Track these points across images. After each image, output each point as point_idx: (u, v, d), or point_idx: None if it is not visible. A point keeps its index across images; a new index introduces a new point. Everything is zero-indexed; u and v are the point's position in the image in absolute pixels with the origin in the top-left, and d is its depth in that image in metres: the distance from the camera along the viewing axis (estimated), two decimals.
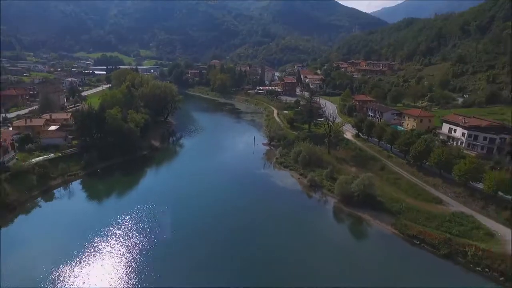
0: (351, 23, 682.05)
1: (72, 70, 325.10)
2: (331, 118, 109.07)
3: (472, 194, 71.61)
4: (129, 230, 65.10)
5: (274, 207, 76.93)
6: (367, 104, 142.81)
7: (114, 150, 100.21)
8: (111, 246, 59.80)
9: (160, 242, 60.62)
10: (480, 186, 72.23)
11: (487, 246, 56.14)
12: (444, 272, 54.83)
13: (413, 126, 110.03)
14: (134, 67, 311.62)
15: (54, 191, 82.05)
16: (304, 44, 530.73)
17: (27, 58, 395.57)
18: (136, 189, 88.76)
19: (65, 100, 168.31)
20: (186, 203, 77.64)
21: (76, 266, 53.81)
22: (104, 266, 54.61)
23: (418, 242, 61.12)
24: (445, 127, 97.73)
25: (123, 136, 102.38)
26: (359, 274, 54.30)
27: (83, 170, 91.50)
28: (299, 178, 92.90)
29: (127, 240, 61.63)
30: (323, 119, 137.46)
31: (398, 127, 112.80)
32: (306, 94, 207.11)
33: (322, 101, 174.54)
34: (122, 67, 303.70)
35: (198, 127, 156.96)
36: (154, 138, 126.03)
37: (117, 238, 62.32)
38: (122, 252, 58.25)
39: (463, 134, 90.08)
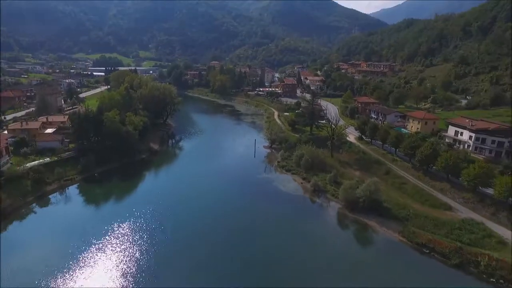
0: (350, 24, 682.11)
1: (71, 71, 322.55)
2: (334, 121, 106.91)
3: (482, 200, 69.30)
4: (127, 234, 63.61)
5: (276, 213, 74.55)
6: (369, 106, 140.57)
7: (112, 154, 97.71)
8: (109, 249, 58.62)
9: (158, 251, 58.28)
10: (489, 191, 70.00)
11: (501, 256, 53.75)
12: (456, 283, 52.47)
13: (417, 128, 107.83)
14: (133, 68, 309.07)
15: (50, 196, 79.51)
16: (303, 45, 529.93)
17: (25, 59, 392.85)
18: (134, 193, 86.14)
19: (62, 102, 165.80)
20: (184, 210, 74.96)
21: (74, 270, 53.03)
22: (103, 269, 53.93)
23: (428, 251, 58.77)
24: (451, 130, 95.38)
25: (121, 139, 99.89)
26: (365, 283, 52.02)
27: (80, 174, 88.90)
28: (301, 183, 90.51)
29: (125, 243, 60.42)
30: (324, 121, 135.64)
31: (402, 129, 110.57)
32: (307, 95, 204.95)
33: (323, 102, 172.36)
34: (121, 68, 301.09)
35: (197, 129, 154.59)
36: (153, 140, 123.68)
37: (114, 242, 60.98)
38: (120, 255, 57.19)
39: (470, 137, 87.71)
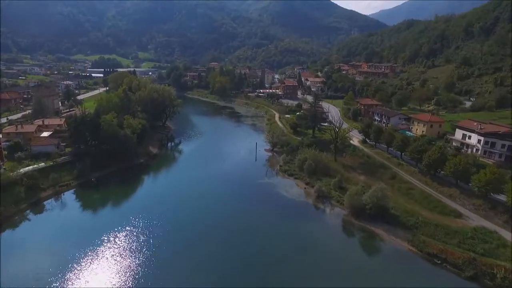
0: (350, 25, 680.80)
1: (69, 72, 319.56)
2: (337, 123, 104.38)
3: (494, 207, 66.63)
4: (125, 240, 62.61)
5: (279, 221, 71.96)
6: (372, 108, 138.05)
7: (109, 158, 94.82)
8: (106, 255, 57.72)
9: (155, 261, 55.64)
10: (501, 198, 67.35)
11: None
12: None
13: (422, 131, 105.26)
14: (132, 69, 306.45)
15: (45, 203, 76.73)
16: (303, 46, 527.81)
17: (23, 60, 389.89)
18: (132, 199, 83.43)
19: (60, 104, 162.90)
20: (184, 216, 72.73)
21: (70, 274, 52.35)
22: (101, 272, 53.31)
23: (439, 262, 56.05)
24: (458, 133, 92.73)
25: (119, 143, 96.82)
26: None
27: (76, 180, 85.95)
28: (305, 188, 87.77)
29: (123, 249, 59.45)
30: (327, 124, 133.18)
31: (407, 132, 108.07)
32: (308, 97, 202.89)
33: (325, 104, 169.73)
34: (120, 69, 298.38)
35: (197, 132, 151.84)
36: (151, 144, 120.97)
37: (112, 247, 59.80)
38: (119, 259, 56.49)
39: (478, 141, 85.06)
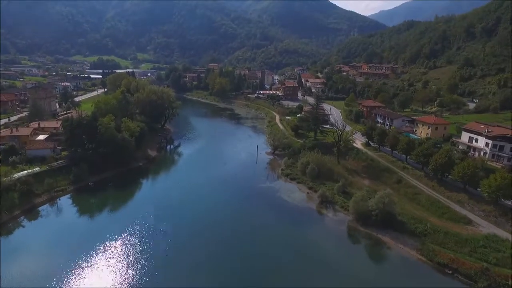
0: (349, 26, 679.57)
1: (67, 74, 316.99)
2: (340, 126, 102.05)
3: (505, 213, 64.34)
4: (123, 245, 61.12)
5: (281, 227, 69.62)
6: (375, 110, 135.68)
7: (107, 162, 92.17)
8: (104, 260, 56.80)
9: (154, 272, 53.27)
10: None
11: None
12: None
13: (427, 134, 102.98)
14: (131, 70, 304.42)
15: (39, 208, 74.31)
16: (302, 47, 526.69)
17: (21, 62, 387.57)
18: (130, 204, 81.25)
19: (57, 106, 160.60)
20: (182, 222, 70.82)
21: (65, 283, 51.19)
22: (99, 278, 52.42)
23: (451, 272, 53.67)
24: (464, 136, 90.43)
25: (117, 147, 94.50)
26: None
27: (72, 184, 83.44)
28: (308, 193, 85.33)
29: (121, 256, 58.06)
30: (328, 126, 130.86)
31: (411, 135, 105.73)
32: (309, 98, 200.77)
33: (326, 106, 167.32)
34: (118, 70, 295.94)
35: (197, 134, 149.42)
36: (150, 147, 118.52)
37: (109, 253, 58.64)
38: (116, 267, 55.15)
39: (486, 144, 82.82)
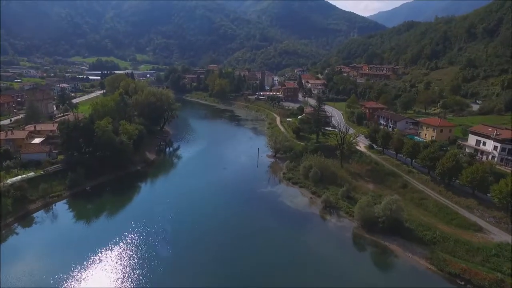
0: (349, 27, 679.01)
1: (66, 75, 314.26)
2: (343, 128, 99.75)
3: None
4: (120, 252, 59.35)
5: (283, 234, 67.56)
6: (377, 112, 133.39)
7: (104, 166, 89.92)
8: (102, 266, 55.61)
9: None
10: None
11: None
12: None
13: (432, 136, 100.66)
14: (130, 72, 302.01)
15: (34, 215, 71.96)
16: (302, 47, 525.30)
17: (20, 63, 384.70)
18: (128, 208, 79.11)
19: (54, 108, 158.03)
20: (181, 228, 68.84)
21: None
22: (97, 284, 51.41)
23: (463, 283, 51.34)
24: (471, 139, 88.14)
25: (115, 150, 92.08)
26: None
27: (68, 190, 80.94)
28: (311, 197, 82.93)
29: (118, 262, 56.89)
30: (330, 128, 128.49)
31: (415, 137, 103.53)
32: (310, 100, 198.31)
33: (328, 107, 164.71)
34: (117, 72, 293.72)
35: (196, 136, 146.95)
36: (149, 150, 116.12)
37: (106, 262, 56.86)
38: (112, 274, 53.93)
39: (495, 147, 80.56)
